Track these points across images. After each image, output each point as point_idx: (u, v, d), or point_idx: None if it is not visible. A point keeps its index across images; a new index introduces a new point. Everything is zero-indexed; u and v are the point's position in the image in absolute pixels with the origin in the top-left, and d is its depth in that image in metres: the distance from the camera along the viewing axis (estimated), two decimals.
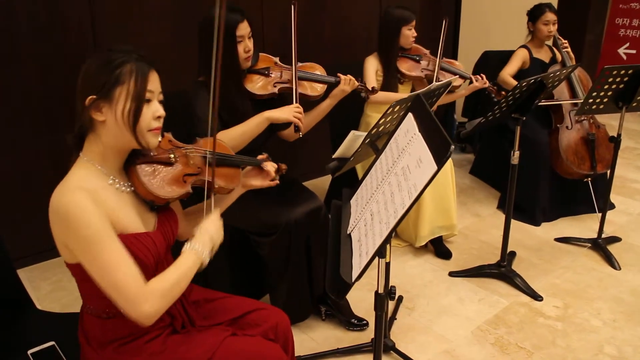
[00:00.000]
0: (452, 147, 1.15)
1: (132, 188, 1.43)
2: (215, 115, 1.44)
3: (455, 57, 4.96)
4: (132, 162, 1.43)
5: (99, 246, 1.27)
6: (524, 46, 3.68)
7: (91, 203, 1.27)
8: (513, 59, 3.64)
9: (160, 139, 1.47)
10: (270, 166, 1.81)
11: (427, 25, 4.22)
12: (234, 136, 2.16)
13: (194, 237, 1.46)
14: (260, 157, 1.83)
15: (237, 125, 2.20)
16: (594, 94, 2.84)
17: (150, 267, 1.41)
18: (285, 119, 2.24)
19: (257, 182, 1.81)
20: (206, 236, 1.47)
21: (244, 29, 2.20)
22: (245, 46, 2.24)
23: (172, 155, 1.50)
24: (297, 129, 2.28)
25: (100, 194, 1.32)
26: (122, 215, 1.37)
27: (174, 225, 1.56)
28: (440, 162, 1.16)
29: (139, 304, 1.29)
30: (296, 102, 2.33)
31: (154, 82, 1.38)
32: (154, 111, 1.38)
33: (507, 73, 3.58)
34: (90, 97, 1.32)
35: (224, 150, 1.74)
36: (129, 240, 1.35)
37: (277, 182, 1.86)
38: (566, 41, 3.66)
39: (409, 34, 3.15)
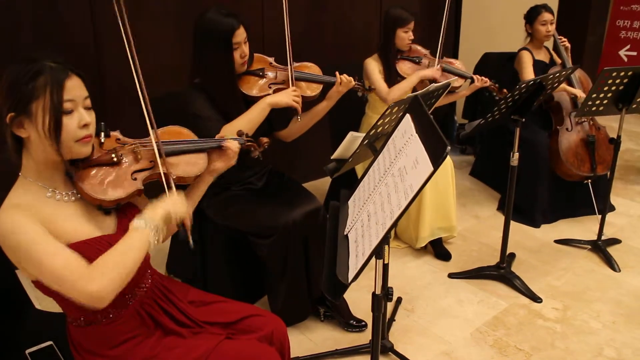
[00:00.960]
0: (448, 148, 1.15)
1: (79, 195, 1.40)
2: (149, 108, 1.40)
3: (455, 59, 4.95)
4: (73, 169, 1.39)
5: (33, 245, 1.24)
6: (525, 49, 3.67)
7: (22, 215, 1.25)
8: (524, 64, 3.56)
9: (103, 139, 1.43)
10: (230, 143, 1.71)
11: (427, 25, 4.22)
12: (240, 126, 2.14)
13: (145, 212, 1.40)
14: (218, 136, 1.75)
15: (240, 115, 2.20)
16: (594, 95, 2.84)
17: None
18: (286, 102, 2.26)
19: (221, 164, 1.71)
20: (156, 209, 1.41)
21: (240, 35, 2.19)
22: (242, 52, 2.23)
23: (113, 155, 1.45)
24: (295, 112, 2.31)
25: (37, 209, 1.30)
26: (67, 225, 1.33)
27: None
28: (436, 162, 1.16)
29: (84, 285, 1.24)
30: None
31: (73, 90, 1.31)
32: (78, 120, 1.32)
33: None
34: (10, 114, 1.28)
35: (177, 136, 1.65)
36: (81, 248, 1.32)
37: (257, 156, 1.84)
38: (565, 39, 3.64)
39: (404, 36, 3.10)
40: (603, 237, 3.21)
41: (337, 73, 2.45)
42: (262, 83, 2.34)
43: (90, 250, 1.33)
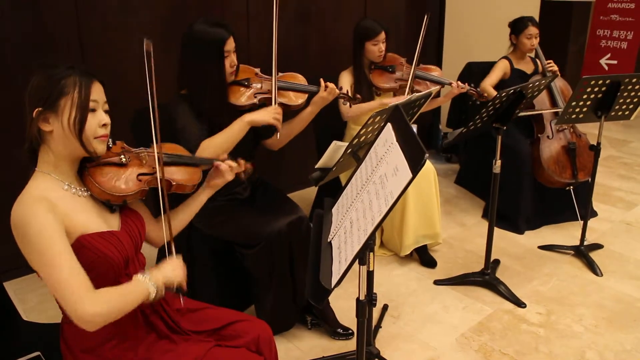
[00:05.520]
0: (426, 155, 1.19)
1: (89, 192, 1.50)
2: (156, 119, 1.55)
3: (436, 66, 5.00)
4: (84, 167, 1.51)
5: (49, 248, 1.30)
6: (505, 57, 3.75)
7: (45, 210, 1.32)
8: (494, 69, 3.71)
9: (111, 145, 1.56)
10: (224, 166, 1.86)
11: (414, 34, 4.28)
12: (218, 143, 2.21)
13: (150, 271, 1.50)
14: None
15: (219, 132, 2.24)
16: (574, 103, 2.90)
17: (119, 265, 1.46)
18: (266, 121, 2.29)
19: (219, 181, 1.87)
20: (159, 274, 1.51)
21: (230, 44, 2.25)
22: (232, 61, 2.28)
23: (122, 157, 1.58)
24: (275, 128, 2.35)
25: (56, 201, 1.37)
26: (81, 217, 1.42)
27: (139, 225, 1.61)
28: (415, 169, 1.20)
29: (81, 303, 1.30)
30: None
31: (97, 93, 1.45)
32: (99, 120, 1.45)
33: (488, 83, 3.65)
34: (37, 109, 1.39)
35: (175, 151, 1.83)
36: (94, 239, 1.41)
37: (242, 178, 1.97)
38: (551, 61, 3.70)
39: (374, 49, 3.09)
40: (585, 243, 3.26)
41: (321, 80, 2.48)
42: (248, 93, 2.38)
43: (103, 243, 1.42)
